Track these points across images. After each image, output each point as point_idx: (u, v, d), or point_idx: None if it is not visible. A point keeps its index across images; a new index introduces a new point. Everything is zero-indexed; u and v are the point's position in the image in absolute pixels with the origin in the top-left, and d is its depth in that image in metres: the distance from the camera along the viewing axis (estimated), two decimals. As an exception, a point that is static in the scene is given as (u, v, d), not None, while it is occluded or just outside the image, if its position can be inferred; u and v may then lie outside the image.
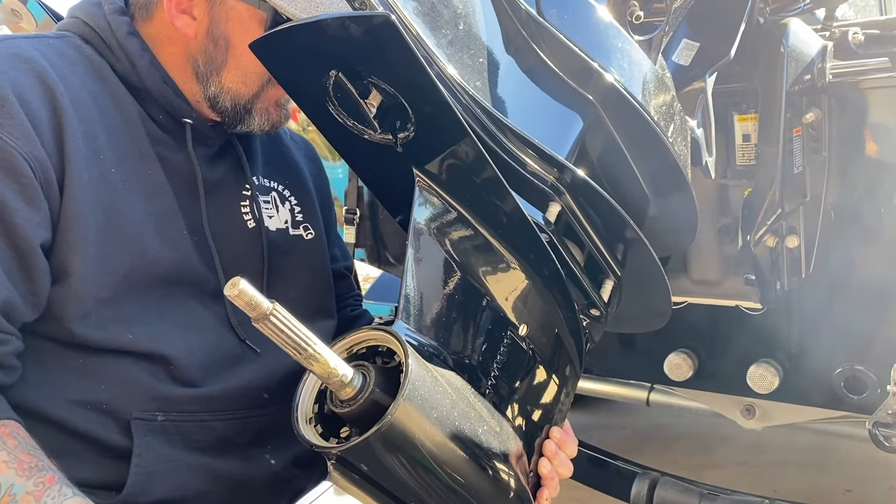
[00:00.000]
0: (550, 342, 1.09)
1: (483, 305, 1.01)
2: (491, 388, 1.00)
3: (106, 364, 1.00)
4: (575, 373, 1.15)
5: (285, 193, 1.27)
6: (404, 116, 0.94)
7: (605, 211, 1.09)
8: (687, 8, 1.25)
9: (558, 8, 1.05)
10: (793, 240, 1.55)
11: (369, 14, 0.87)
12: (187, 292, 1.08)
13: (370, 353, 0.89)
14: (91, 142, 1.01)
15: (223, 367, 1.07)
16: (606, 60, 1.08)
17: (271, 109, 1.16)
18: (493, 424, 0.96)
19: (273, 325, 0.73)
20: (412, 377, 0.80)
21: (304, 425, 0.85)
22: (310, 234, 1.27)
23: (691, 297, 1.67)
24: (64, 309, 0.97)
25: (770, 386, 1.72)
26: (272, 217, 1.22)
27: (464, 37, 0.97)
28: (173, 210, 1.08)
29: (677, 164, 1.18)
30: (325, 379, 0.79)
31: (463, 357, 0.98)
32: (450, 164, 0.97)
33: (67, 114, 0.99)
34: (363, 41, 0.87)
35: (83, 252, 0.97)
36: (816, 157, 1.54)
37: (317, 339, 0.76)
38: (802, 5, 1.60)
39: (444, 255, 0.98)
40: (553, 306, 1.07)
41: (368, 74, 0.91)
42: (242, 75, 1.12)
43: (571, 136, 1.09)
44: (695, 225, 1.30)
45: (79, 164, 0.98)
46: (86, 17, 1.11)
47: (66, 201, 0.97)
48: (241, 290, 0.70)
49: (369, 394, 0.81)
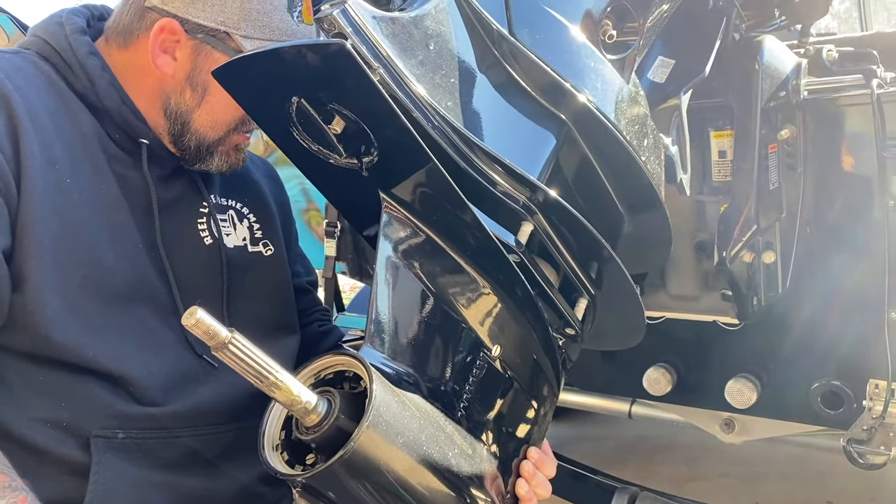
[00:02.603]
0: (525, 362, 1.09)
1: (453, 327, 1.00)
2: (464, 410, 0.99)
3: (66, 381, 0.99)
4: (553, 392, 1.15)
5: (243, 211, 1.27)
6: (367, 141, 0.93)
7: (578, 230, 1.09)
8: (661, 27, 1.26)
9: (530, 28, 1.05)
10: (769, 255, 1.55)
11: (325, 42, 0.86)
12: (145, 308, 1.07)
13: (337, 379, 0.88)
14: (46, 151, 1.01)
15: (184, 386, 1.07)
16: (579, 80, 1.08)
17: (231, 153, 1.20)
18: (465, 447, 0.95)
19: (232, 354, 0.72)
20: (377, 402, 0.79)
21: (270, 452, 0.84)
22: (269, 250, 1.27)
23: (669, 312, 1.67)
24: (25, 315, 0.97)
25: (748, 401, 1.73)
26: (230, 235, 1.23)
27: (435, 57, 0.97)
28: (129, 225, 1.08)
29: (650, 183, 1.18)
30: (289, 406, 0.78)
31: (434, 380, 0.97)
32: (415, 187, 0.96)
33: (24, 123, 0.99)
34: (321, 69, 0.86)
35: (39, 258, 0.97)
36: (792, 174, 1.55)
37: (278, 367, 0.75)
38: (778, 22, 1.61)
39: (412, 278, 0.98)
40: (526, 326, 1.06)
41: (329, 101, 0.90)
42: (212, 121, 1.14)
43: (543, 156, 1.09)
44: (669, 242, 1.30)
45: (35, 171, 0.98)
46: (46, 35, 1.12)
47: (22, 206, 0.97)
48: (199, 319, 0.69)
49: (334, 420, 0.80)
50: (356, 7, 0.88)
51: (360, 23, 0.87)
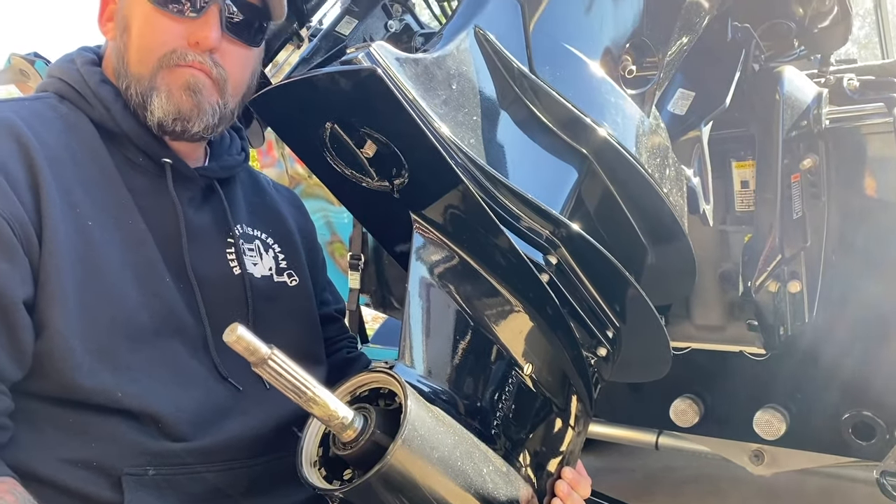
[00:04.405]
0: (557, 381, 1.10)
1: (485, 346, 1.02)
2: (498, 427, 1.00)
3: (96, 422, 1.00)
4: (585, 411, 1.15)
5: (268, 241, 1.28)
6: (399, 164, 0.96)
7: (602, 264, 1.09)
8: (680, 60, 1.27)
9: (550, 65, 1.07)
10: (795, 285, 1.54)
11: (357, 68, 0.90)
12: (174, 343, 1.08)
13: (373, 396, 0.90)
14: (66, 196, 1.02)
15: (213, 420, 1.07)
16: (599, 115, 1.10)
17: (174, 90, 1.10)
18: (500, 465, 0.95)
19: (272, 370, 0.74)
20: (411, 418, 0.81)
21: (307, 468, 0.86)
22: (294, 280, 1.28)
23: (695, 342, 1.66)
24: (52, 363, 0.98)
25: (777, 432, 1.70)
26: (256, 264, 1.23)
27: (458, 96, 0.99)
28: (155, 258, 1.09)
29: (673, 214, 1.18)
30: (326, 421, 0.80)
31: (468, 398, 0.98)
32: (446, 208, 0.99)
33: (43, 171, 1.01)
34: (353, 94, 0.90)
35: (63, 305, 0.98)
36: (816, 203, 1.54)
37: (316, 383, 0.77)
38: (797, 52, 1.62)
39: (444, 297, 1.00)
40: (557, 345, 1.07)
41: (361, 125, 0.94)
42: (140, 54, 1.11)
43: (566, 190, 1.10)
44: (693, 272, 1.30)
45: (55, 219, 1.00)
46: (60, 73, 1.16)
47: (44, 256, 0.98)
48: (240, 335, 0.71)
49: (370, 435, 0.81)
50: (380, 50, 0.91)
51: (384, 65, 0.89)
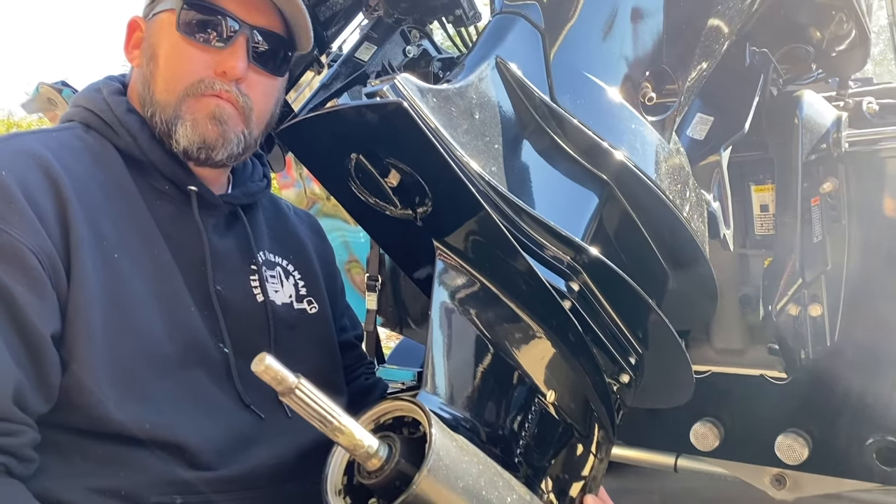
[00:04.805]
0: (580, 408, 1.09)
1: (508, 372, 1.02)
2: (521, 455, 1.00)
3: (124, 452, 1.01)
4: (608, 438, 1.15)
5: (289, 268, 1.29)
6: (422, 193, 0.98)
7: (624, 290, 1.10)
8: (699, 86, 1.27)
9: (571, 93, 1.08)
10: (816, 308, 1.53)
11: (383, 102, 0.92)
12: (199, 372, 1.09)
13: (397, 424, 0.90)
14: (94, 227, 1.03)
15: (237, 449, 1.08)
16: (619, 141, 1.10)
17: (200, 119, 1.11)
18: (524, 493, 0.95)
19: (299, 399, 0.75)
20: (436, 447, 0.81)
21: (333, 496, 0.86)
22: (314, 307, 1.29)
23: (715, 366, 1.65)
24: (80, 396, 0.99)
25: (799, 457, 1.69)
26: (277, 291, 1.24)
27: (480, 125, 1.00)
28: (180, 287, 1.10)
29: (694, 240, 1.18)
30: (352, 451, 0.81)
31: (491, 425, 0.98)
32: (468, 235, 1.00)
33: (71, 203, 1.02)
34: (379, 126, 0.92)
35: (90, 339, 0.99)
36: (836, 226, 1.54)
37: (342, 412, 0.78)
38: (815, 75, 1.62)
39: (467, 324, 1.00)
40: (580, 372, 1.07)
41: (386, 156, 0.96)
42: (166, 83, 1.13)
43: (587, 216, 1.11)
44: (715, 298, 1.29)
45: (83, 252, 1.01)
46: (87, 103, 1.17)
47: (72, 289, 0.99)
48: (268, 365, 0.72)
49: (395, 464, 0.81)
50: (404, 82, 0.92)
51: (409, 97, 0.91)
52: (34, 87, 1.84)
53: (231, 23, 1.12)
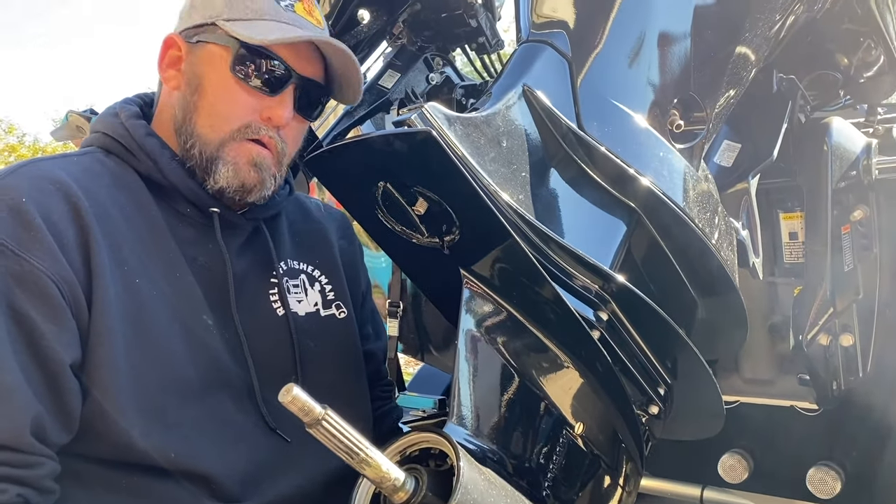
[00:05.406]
0: (608, 439, 1.08)
1: (536, 404, 1.01)
2: (549, 489, 0.98)
3: (148, 482, 1.00)
4: (636, 471, 1.13)
5: (315, 274, 1.27)
6: (450, 221, 0.97)
7: (654, 319, 1.08)
8: (727, 113, 1.26)
9: (598, 121, 1.07)
10: (847, 338, 1.50)
11: (413, 131, 0.92)
12: (221, 396, 1.08)
13: (423, 456, 0.88)
14: (115, 253, 1.03)
15: (261, 477, 1.07)
16: (647, 169, 1.09)
17: (242, 165, 1.12)
18: (550, 526, 0.93)
19: (326, 430, 0.74)
20: (464, 480, 0.79)
21: None
22: (342, 312, 1.27)
23: (744, 396, 1.62)
24: (104, 424, 0.98)
25: (832, 490, 1.64)
26: (301, 301, 1.22)
27: (507, 153, 1.00)
28: (202, 310, 1.09)
29: (723, 269, 1.17)
30: (378, 483, 0.79)
31: (518, 458, 0.97)
32: (496, 264, 0.99)
33: (92, 229, 1.01)
34: (407, 155, 0.92)
35: (114, 366, 0.98)
36: (867, 255, 1.51)
37: (368, 444, 0.77)
38: (843, 101, 1.60)
39: (494, 355, 0.99)
40: (608, 402, 1.05)
41: (413, 184, 0.96)
42: (211, 119, 1.12)
43: (615, 244, 1.10)
44: (745, 327, 1.27)
45: (104, 279, 1.00)
46: (105, 128, 1.16)
47: (94, 317, 0.99)
48: (295, 396, 0.72)
49: (422, 498, 0.80)
50: (432, 110, 0.92)
51: (437, 126, 0.91)
52: (63, 115, 1.87)
53: (282, 71, 1.12)
